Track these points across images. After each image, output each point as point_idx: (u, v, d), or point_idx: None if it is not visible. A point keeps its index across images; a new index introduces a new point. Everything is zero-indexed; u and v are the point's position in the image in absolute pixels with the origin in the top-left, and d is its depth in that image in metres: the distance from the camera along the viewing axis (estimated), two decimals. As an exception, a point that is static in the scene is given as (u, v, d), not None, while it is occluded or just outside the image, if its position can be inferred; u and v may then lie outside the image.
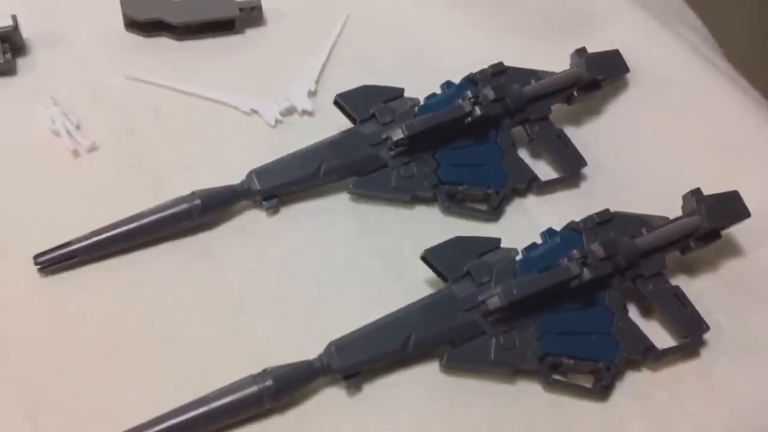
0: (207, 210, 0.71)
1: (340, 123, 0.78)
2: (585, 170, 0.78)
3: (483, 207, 0.75)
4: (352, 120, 0.77)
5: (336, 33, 0.89)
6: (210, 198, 0.71)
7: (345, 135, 0.76)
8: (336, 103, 0.77)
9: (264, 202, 0.73)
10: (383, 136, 0.74)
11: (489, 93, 0.76)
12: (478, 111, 0.75)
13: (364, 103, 0.77)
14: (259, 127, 0.81)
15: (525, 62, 0.81)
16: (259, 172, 0.73)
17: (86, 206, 0.73)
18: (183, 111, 0.81)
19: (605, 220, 0.69)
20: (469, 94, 0.75)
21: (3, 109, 0.79)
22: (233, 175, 0.74)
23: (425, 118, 0.74)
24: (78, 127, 0.77)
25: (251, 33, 0.88)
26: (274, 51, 0.87)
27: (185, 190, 0.72)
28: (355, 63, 0.87)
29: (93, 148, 0.76)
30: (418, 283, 0.70)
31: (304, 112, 0.82)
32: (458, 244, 0.67)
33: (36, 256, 0.67)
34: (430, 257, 0.66)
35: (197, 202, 0.70)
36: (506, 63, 0.79)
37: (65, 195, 0.73)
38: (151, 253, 0.70)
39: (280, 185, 0.73)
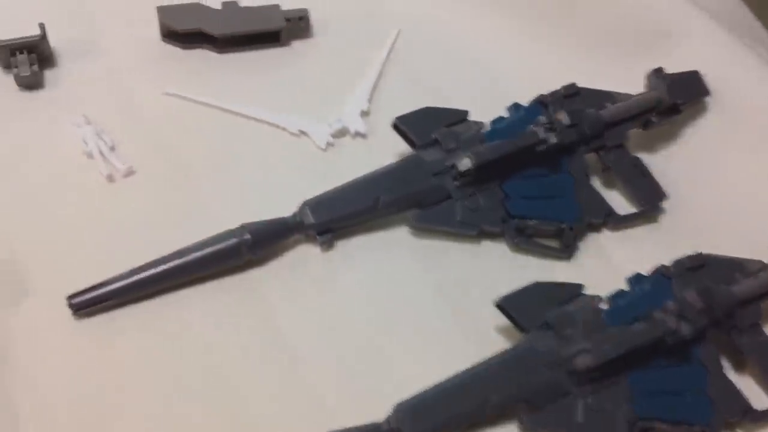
0: (257, 246, 0.64)
1: (396, 146, 0.72)
2: (664, 203, 0.72)
3: (554, 243, 0.69)
4: (412, 145, 0.70)
5: (388, 47, 0.82)
6: (261, 232, 0.64)
7: (405, 163, 0.69)
8: (395, 126, 0.70)
9: (318, 237, 0.66)
10: (447, 165, 0.68)
11: (564, 118, 0.69)
12: (553, 138, 0.68)
13: (426, 127, 0.70)
14: (308, 149, 0.74)
15: (593, 81, 0.74)
16: (313, 204, 0.66)
17: (122, 237, 0.66)
18: (225, 131, 0.74)
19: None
20: (544, 119, 0.69)
21: (30, 128, 0.72)
22: (281, 204, 0.67)
23: (495, 146, 0.67)
24: (113, 149, 0.71)
25: (297, 46, 0.82)
26: (321, 65, 0.81)
27: (229, 219, 0.66)
28: (408, 80, 0.80)
29: (129, 173, 0.70)
30: (488, 331, 0.63)
31: (357, 134, 0.75)
32: (536, 290, 0.60)
33: (70, 297, 0.61)
34: (506, 306, 0.60)
35: (247, 237, 0.64)
36: (573, 81, 0.73)
37: (99, 224, 0.67)
38: (194, 293, 0.64)
39: (336, 219, 0.66)
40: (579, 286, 0.61)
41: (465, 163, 0.66)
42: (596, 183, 0.73)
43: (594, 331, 0.58)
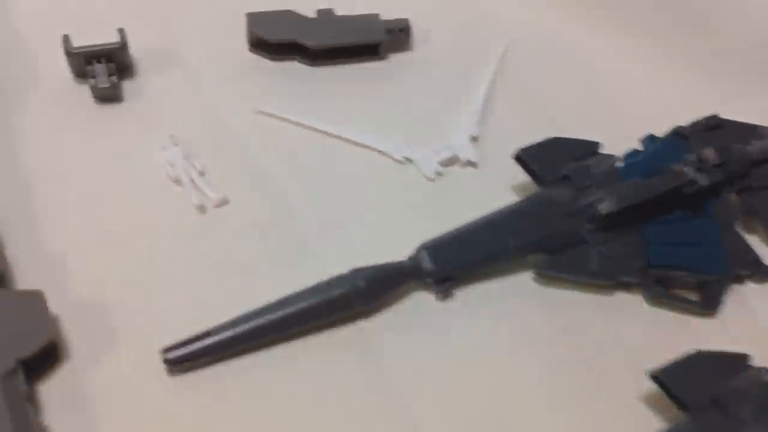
0: (372, 295, 0.57)
1: (510, 177, 0.65)
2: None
3: (694, 296, 0.61)
4: (537, 180, 0.63)
5: (495, 63, 0.74)
6: (376, 280, 0.57)
7: (532, 202, 0.61)
8: (518, 159, 0.63)
9: (435, 286, 0.59)
10: (581, 205, 0.60)
11: (712, 156, 0.61)
12: (704, 179, 0.60)
13: (553, 160, 0.63)
14: (414, 179, 0.66)
15: (732, 111, 0.67)
16: (432, 248, 0.59)
17: (216, 278, 0.59)
18: (321, 155, 0.67)
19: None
20: (693, 157, 0.61)
21: (108, 148, 0.65)
22: (387, 241, 0.60)
23: (639, 187, 0.59)
24: (202, 174, 0.63)
25: (396, 59, 0.74)
26: (422, 81, 0.73)
27: (331, 257, 0.59)
28: (519, 100, 0.73)
29: (223, 203, 0.62)
30: (632, 399, 0.55)
31: (468, 163, 0.67)
32: (700, 361, 0.53)
33: (164, 351, 0.53)
34: (666, 380, 0.52)
35: (361, 284, 0.56)
36: (714, 112, 0.65)
37: (190, 262, 0.59)
38: (299, 348, 0.56)
39: (458, 265, 0.59)
40: (745, 357, 0.54)
41: (607, 206, 0.58)
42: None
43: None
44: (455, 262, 0.59)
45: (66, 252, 0.58)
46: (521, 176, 0.65)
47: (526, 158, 0.62)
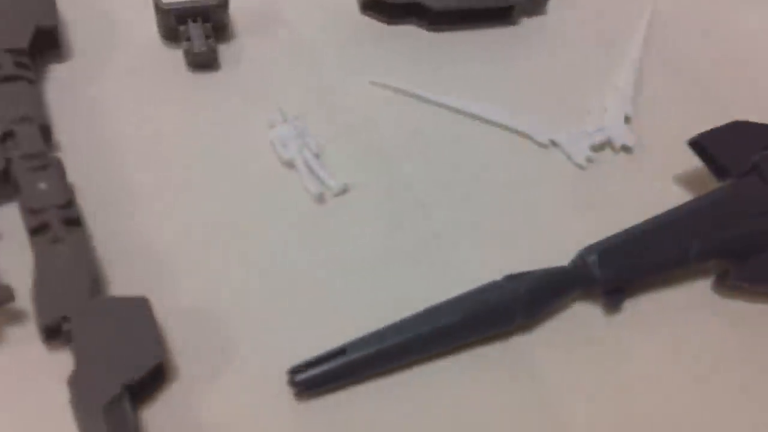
0: (535, 305, 0.47)
1: (671, 166, 0.56)
2: None
3: None
4: (718, 171, 0.53)
5: (642, 32, 0.64)
6: (539, 288, 0.47)
7: (718, 198, 0.51)
8: (695, 145, 0.53)
9: (605, 296, 0.49)
10: (775, 202, 0.50)
11: None
12: None
13: (737, 148, 0.52)
14: (560, 167, 0.57)
15: None
16: (601, 253, 0.49)
17: (338, 279, 0.49)
18: (450, 136, 0.57)
19: None
20: None
21: (204, 121, 0.55)
22: (532, 238, 0.52)
23: None
24: (317, 156, 0.53)
25: (529, 25, 0.64)
26: (559, 51, 0.63)
27: (468, 257, 0.51)
28: (670, 73, 0.63)
29: (343, 191, 0.52)
30: None
31: (623, 148, 0.57)
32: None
33: (291, 373, 0.44)
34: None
35: (523, 293, 0.47)
36: None
37: (308, 262, 0.50)
38: (443, 368, 0.46)
39: (631, 272, 0.49)
40: None
41: (814, 205, 0.48)
42: None
43: None
44: (629, 268, 0.49)
45: (164, 249, 0.48)
46: (685, 164, 0.55)
47: (706, 145, 0.52)
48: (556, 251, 0.51)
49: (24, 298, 0.43)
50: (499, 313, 0.47)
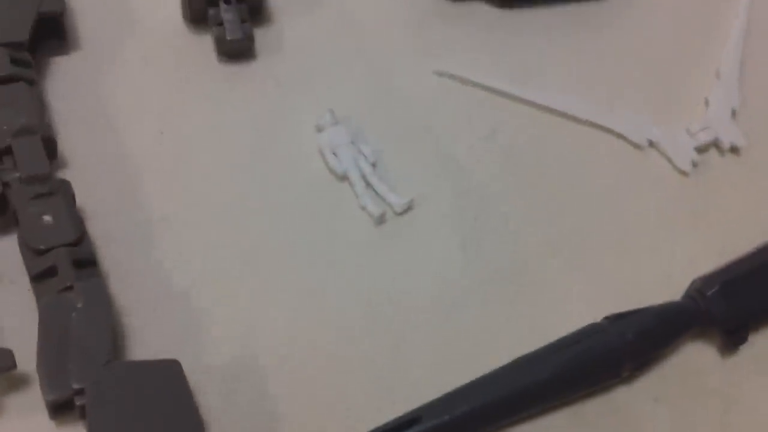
0: (645, 352, 0.40)
1: None
2: None
3: None
4: None
5: (746, 7, 0.55)
6: (650, 331, 0.39)
7: None
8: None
9: (726, 336, 0.41)
10: None
11: None
12: None
13: None
14: (659, 171, 0.48)
15: None
16: (723, 284, 0.41)
17: (409, 320, 0.41)
18: (532, 136, 0.49)
19: None
20: None
21: (239, 122, 0.47)
22: (633, 262, 0.44)
23: None
24: (375, 166, 0.45)
25: (614, 1, 0.54)
26: (652, 32, 0.54)
27: (561, 288, 0.43)
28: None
29: (407, 209, 0.44)
30: None
31: (731, 149, 0.48)
32: None
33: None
34: None
35: (630, 337, 0.38)
36: None
37: (366, 299, 0.41)
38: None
39: (761, 308, 0.41)
40: None
41: None
42: None
43: None
44: (758, 303, 0.40)
45: (192, 288, 0.40)
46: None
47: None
48: (662, 277, 0.44)
49: (27, 361, 0.35)
50: (604, 364, 0.39)
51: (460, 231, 0.44)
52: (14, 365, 0.34)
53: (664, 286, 0.42)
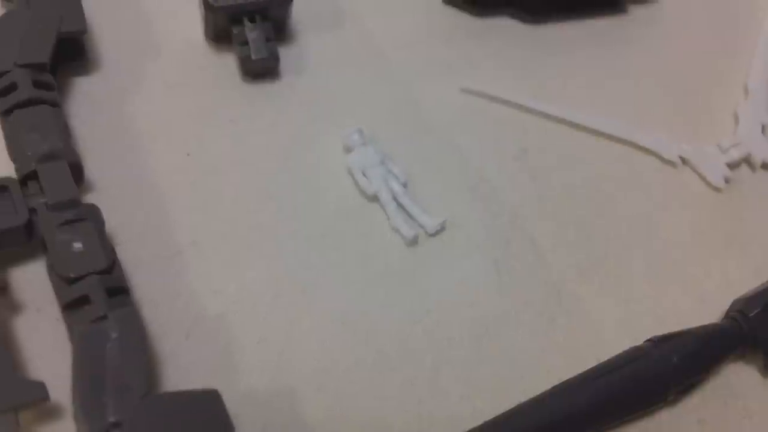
0: (691, 374, 0.39)
1: None
2: None
3: None
4: None
5: (770, 21, 0.54)
6: (695, 353, 0.38)
7: None
8: None
9: (766, 357, 0.40)
10: None
11: None
12: None
13: None
14: (691, 188, 0.47)
15: None
16: (766, 306, 0.40)
17: (443, 345, 0.39)
18: (562, 154, 0.48)
19: None
20: None
21: (264, 143, 0.45)
22: (670, 283, 0.43)
23: None
24: (405, 185, 0.44)
25: (640, 13, 0.54)
26: (676, 45, 0.54)
27: (597, 312, 0.41)
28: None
29: (440, 230, 0.43)
30: None
31: (763, 164, 0.48)
32: None
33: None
34: None
35: (676, 361, 0.37)
36: None
37: (399, 324, 0.40)
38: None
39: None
40: None
41: None
42: None
43: None
44: (801, 323, 0.40)
45: (224, 314, 0.39)
46: None
47: None
48: (698, 299, 0.43)
49: (56, 392, 0.34)
50: (650, 389, 0.38)
51: (492, 253, 0.43)
52: (47, 397, 0.32)
53: (700, 306, 0.42)
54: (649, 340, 0.39)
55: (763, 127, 0.49)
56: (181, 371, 0.37)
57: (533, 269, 0.42)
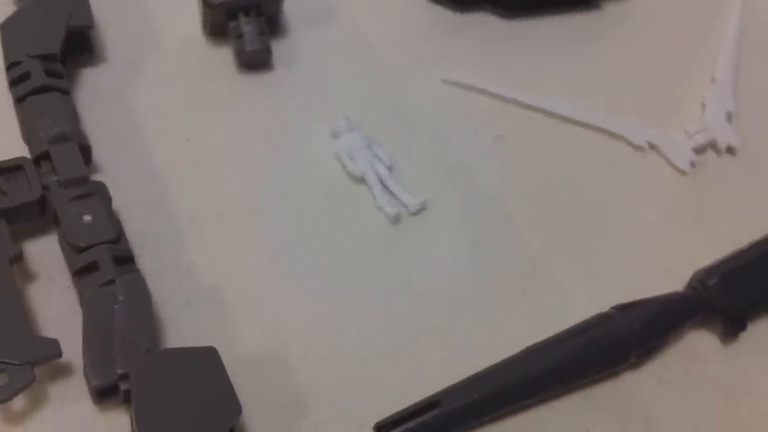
0: (651, 339, 0.42)
1: None
2: None
3: None
4: None
5: (738, 14, 0.57)
6: (654, 319, 0.41)
7: None
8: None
9: (726, 324, 0.43)
10: None
11: None
12: None
13: None
14: (659, 171, 0.50)
15: None
16: (724, 275, 0.43)
17: (421, 314, 0.43)
18: (535, 140, 0.51)
19: None
20: None
21: (259, 130, 0.49)
22: (635, 258, 0.46)
23: None
24: (390, 169, 0.47)
25: (612, 9, 0.58)
26: (646, 38, 0.57)
27: (568, 284, 0.45)
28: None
29: (420, 209, 0.46)
30: None
31: (727, 150, 0.51)
32: None
33: (378, 429, 0.38)
34: None
35: (636, 326, 0.41)
36: None
37: (384, 294, 0.43)
38: (548, 417, 0.40)
39: (761, 296, 0.43)
40: None
41: None
42: None
43: None
44: (757, 293, 0.43)
45: (221, 284, 0.42)
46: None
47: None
48: (663, 271, 0.45)
49: (69, 351, 0.37)
50: (612, 351, 0.41)
51: (470, 230, 0.46)
52: (60, 353, 0.36)
53: (666, 279, 0.44)
54: (614, 307, 0.42)
55: (728, 114, 0.52)
56: (182, 334, 0.40)
57: (508, 245, 0.46)
